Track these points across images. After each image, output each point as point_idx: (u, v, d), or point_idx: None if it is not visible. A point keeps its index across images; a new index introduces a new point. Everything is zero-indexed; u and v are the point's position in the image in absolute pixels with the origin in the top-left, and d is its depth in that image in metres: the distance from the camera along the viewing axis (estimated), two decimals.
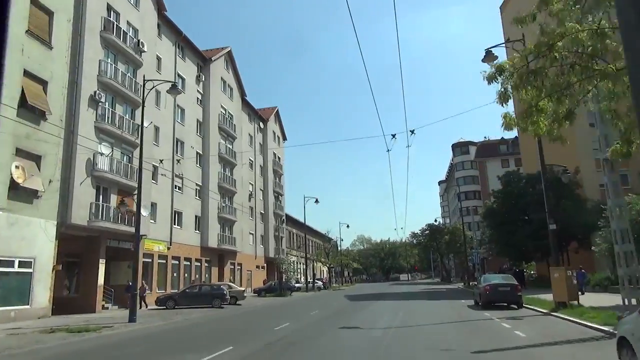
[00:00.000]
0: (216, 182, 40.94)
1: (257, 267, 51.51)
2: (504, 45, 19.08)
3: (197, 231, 37.97)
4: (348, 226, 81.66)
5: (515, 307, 19.84)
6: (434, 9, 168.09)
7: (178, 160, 34.88)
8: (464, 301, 26.11)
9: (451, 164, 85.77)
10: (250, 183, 51.79)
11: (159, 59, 33.40)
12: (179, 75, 36.36)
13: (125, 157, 27.92)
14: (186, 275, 35.78)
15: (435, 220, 78.13)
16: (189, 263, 36.18)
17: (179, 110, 36.37)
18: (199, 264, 37.86)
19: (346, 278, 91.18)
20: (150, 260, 30.85)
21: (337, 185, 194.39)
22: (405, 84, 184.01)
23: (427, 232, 77.66)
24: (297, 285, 53.87)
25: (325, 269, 73.77)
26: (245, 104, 51.68)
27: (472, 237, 56.73)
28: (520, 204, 37.09)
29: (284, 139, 65.90)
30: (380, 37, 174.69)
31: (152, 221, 31.30)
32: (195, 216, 37.78)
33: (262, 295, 41.73)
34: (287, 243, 63.87)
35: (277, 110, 62.29)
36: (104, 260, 25.84)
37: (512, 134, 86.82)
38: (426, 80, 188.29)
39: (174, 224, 34.13)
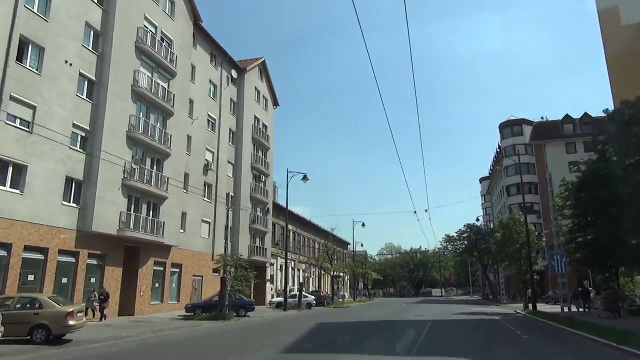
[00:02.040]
0: (124, 129, 25.40)
1: (215, 271, 35.40)
2: None
3: (69, 203, 22.35)
4: (364, 225, 63.56)
5: None
6: None
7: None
8: None
9: (498, 149, 67.40)
10: (208, 149, 36.05)
11: None
12: None
13: None
14: (32, 277, 20.10)
15: (477, 220, 60.35)
16: (41, 256, 20.48)
17: None
18: (71, 259, 22.15)
19: (361, 291, 73.82)
20: None
21: (347, 178, 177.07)
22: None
23: (465, 234, 59.97)
24: (275, 299, 37.59)
25: (329, 277, 56.76)
26: (204, 36, 36.15)
27: (540, 233, 38.58)
28: None
29: (275, 104, 49.84)
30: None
31: None
32: (67, 177, 22.19)
33: (196, 316, 25.45)
34: (275, 241, 47.63)
35: (264, 61, 46.24)
36: None
37: (579, 111, 67.16)
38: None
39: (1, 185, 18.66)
